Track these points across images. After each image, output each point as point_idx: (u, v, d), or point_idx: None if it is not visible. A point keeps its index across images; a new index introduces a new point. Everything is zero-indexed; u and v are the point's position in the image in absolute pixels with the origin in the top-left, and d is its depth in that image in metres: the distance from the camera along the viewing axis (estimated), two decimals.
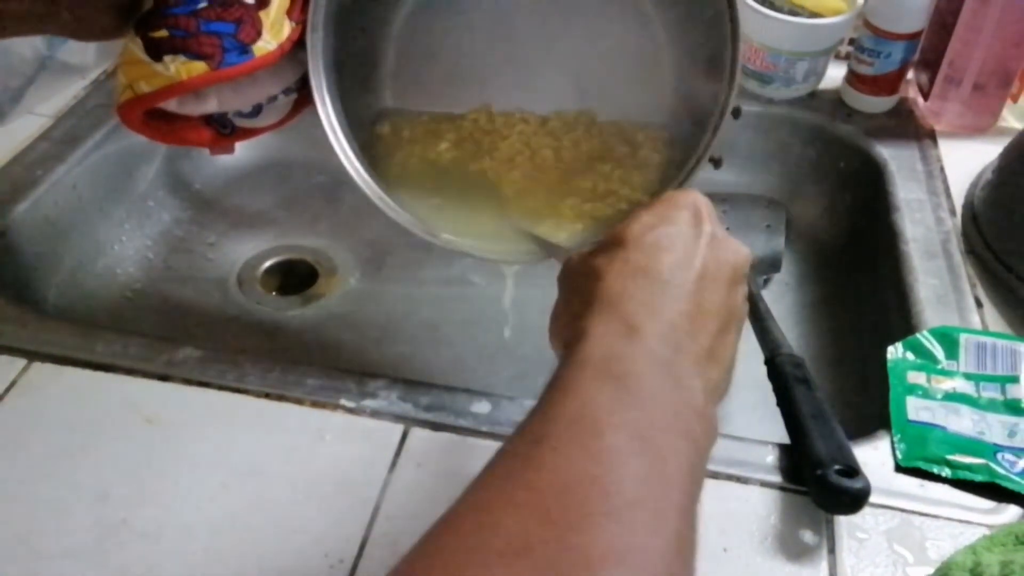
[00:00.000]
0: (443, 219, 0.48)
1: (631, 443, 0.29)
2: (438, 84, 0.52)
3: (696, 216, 0.38)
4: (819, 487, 0.44)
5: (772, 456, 0.49)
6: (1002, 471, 0.47)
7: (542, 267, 0.49)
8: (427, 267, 0.77)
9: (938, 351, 0.54)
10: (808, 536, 0.45)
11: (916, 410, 0.50)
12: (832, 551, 0.44)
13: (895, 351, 0.54)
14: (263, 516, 0.45)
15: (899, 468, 0.48)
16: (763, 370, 0.51)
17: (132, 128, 0.46)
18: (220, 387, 0.52)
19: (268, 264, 0.78)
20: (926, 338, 0.55)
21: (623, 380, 0.32)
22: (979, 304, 0.60)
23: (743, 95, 0.80)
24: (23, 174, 0.69)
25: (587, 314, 0.35)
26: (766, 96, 0.80)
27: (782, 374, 0.50)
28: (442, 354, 0.70)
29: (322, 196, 0.84)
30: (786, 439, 0.48)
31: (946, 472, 0.47)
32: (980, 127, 0.77)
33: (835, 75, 0.81)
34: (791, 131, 0.81)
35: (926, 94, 0.78)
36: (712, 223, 0.38)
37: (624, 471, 0.29)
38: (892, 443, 0.49)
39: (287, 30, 0.44)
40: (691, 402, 0.33)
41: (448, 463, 0.48)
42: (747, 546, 0.44)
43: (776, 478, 0.48)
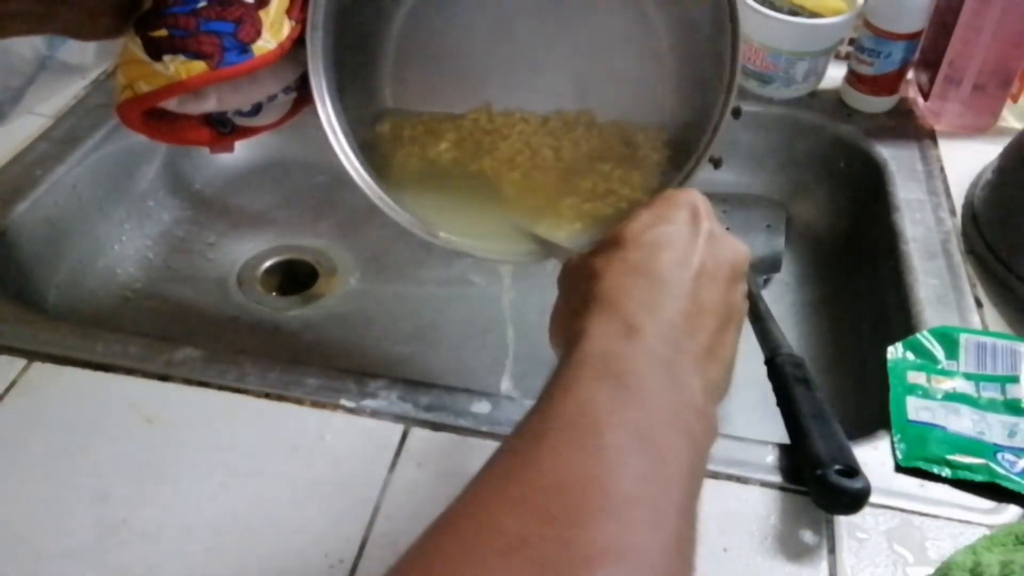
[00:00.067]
0: (443, 219, 0.48)
1: (630, 442, 0.29)
2: (438, 83, 0.52)
3: (694, 214, 0.38)
4: (819, 487, 0.44)
5: (772, 456, 0.49)
6: (1002, 471, 0.47)
7: (542, 267, 0.49)
8: (427, 267, 0.77)
9: (938, 351, 0.54)
10: (808, 536, 0.45)
11: (916, 410, 0.50)
12: (832, 551, 0.44)
13: (895, 351, 0.54)
14: (263, 516, 0.45)
15: (899, 468, 0.48)
16: (763, 370, 0.51)
17: (132, 128, 0.46)
18: (220, 387, 0.52)
19: (268, 264, 0.78)
20: (926, 338, 0.55)
21: (622, 379, 0.32)
22: (979, 304, 0.60)
23: (743, 95, 0.80)
24: (23, 174, 0.69)
25: (586, 314, 0.35)
26: (766, 96, 0.80)
27: (782, 374, 0.50)
28: (442, 354, 0.70)
29: (322, 196, 0.84)
30: (786, 439, 0.48)
31: (946, 472, 0.47)
32: (980, 127, 0.77)
33: (835, 75, 0.81)
34: (791, 131, 0.81)
35: (926, 94, 0.78)
36: (710, 221, 0.38)
37: (623, 469, 0.29)
38: (892, 443, 0.49)
39: (287, 29, 0.44)
40: (691, 401, 0.33)
41: (448, 463, 0.48)
42: (747, 546, 0.44)
43: (776, 478, 0.48)
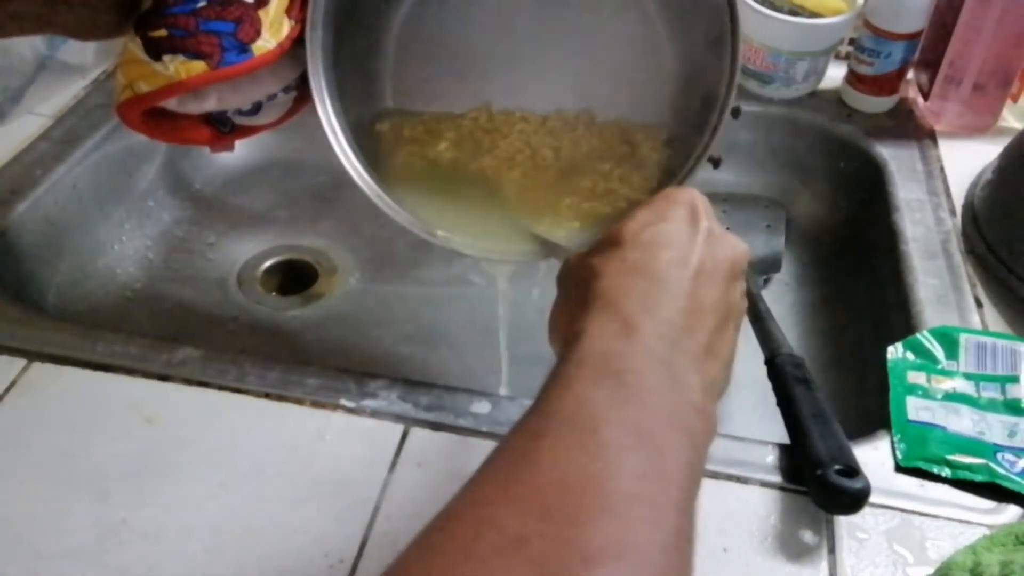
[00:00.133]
0: (443, 218, 0.48)
1: (628, 439, 0.29)
2: (438, 83, 0.52)
3: (693, 213, 0.38)
4: (819, 487, 0.44)
5: (772, 456, 0.49)
6: (1002, 471, 0.47)
7: (537, 268, 0.49)
8: (427, 267, 0.77)
9: (938, 351, 0.54)
10: (808, 536, 0.45)
11: (916, 410, 0.50)
12: (832, 551, 0.44)
13: (895, 351, 0.54)
14: (263, 516, 0.45)
15: (899, 468, 0.48)
16: (763, 370, 0.51)
17: (132, 127, 0.46)
18: (220, 387, 0.52)
19: (268, 264, 0.78)
20: (926, 338, 0.55)
21: (621, 377, 0.32)
22: (979, 304, 0.60)
23: (743, 95, 0.80)
24: (23, 174, 0.69)
25: (585, 313, 0.35)
26: (766, 96, 0.80)
27: (782, 374, 0.50)
28: (442, 354, 0.70)
29: (322, 196, 0.84)
30: (786, 439, 0.48)
31: (946, 472, 0.47)
32: (980, 127, 0.77)
33: (835, 75, 0.81)
34: (791, 131, 0.81)
35: (926, 94, 0.78)
36: (709, 219, 0.38)
37: (622, 467, 0.29)
38: (892, 443, 0.49)
39: (286, 29, 0.44)
40: (689, 398, 0.33)
41: (448, 463, 0.48)
42: (747, 546, 0.44)
43: (776, 478, 0.48)
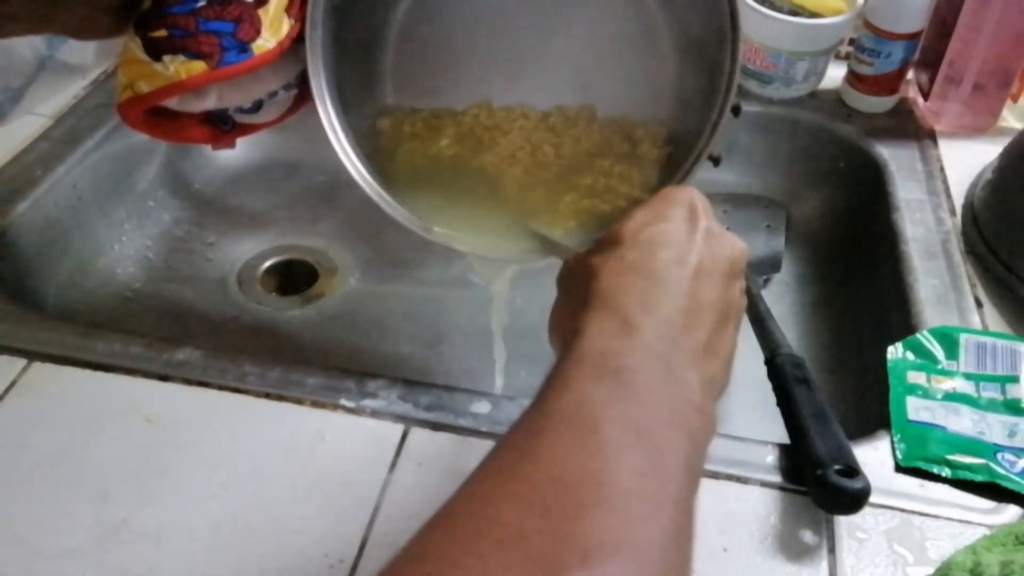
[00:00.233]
0: (444, 216, 0.48)
1: (627, 436, 0.30)
2: (439, 79, 0.52)
3: (691, 212, 0.38)
4: (819, 487, 0.44)
5: (772, 456, 0.49)
6: (1002, 471, 0.47)
7: (536, 271, 0.49)
8: (427, 267, 0.77)
9: (938, 351, 0.54)
10: (808, 536, 0.45)
11: (916, 410, 0.50)
12: (832, 551, 0.44)
13: (895, 351, 0.54)
14: (263, 516, 0.45)
15: (899, 468, 0.48)
16: (763, 370, 0.51)
17: (133, 127, 0.46)
18: (220, 387, 0.52)
19: (268, 264, 0.78)
20: (926, 338, 0.55)
21: (620, 375, 0.32)
22: (979, 304, 0.60)
23: (743, 95, 0.80)
24: (23, 174, 0.69)
25: (584, 312, 0.35)
26: (766, 96, 0.80)
27: (782, 374, 0.50)
28: (442, 354, 0.70)
29: (322, 196, 0.84)
30: (786, 439, 0.48)
31: (946, 472, 0.47)
32: (980, 127, 0.77)
33: (835, 75, 0.81)
34: (791, 131, 0.81)
35: (926, 94, 0.78)
36: (708, 218, 0.38)
37: (620, 464, 0.29)
38: (892, 443, 0.49)
39: (286, 27, 0.44)
40: (688, 396, 0.33)
41: (448, 463, 0.48)
42: (747, 546, 0.44)
43: (776, 478, 0.48)
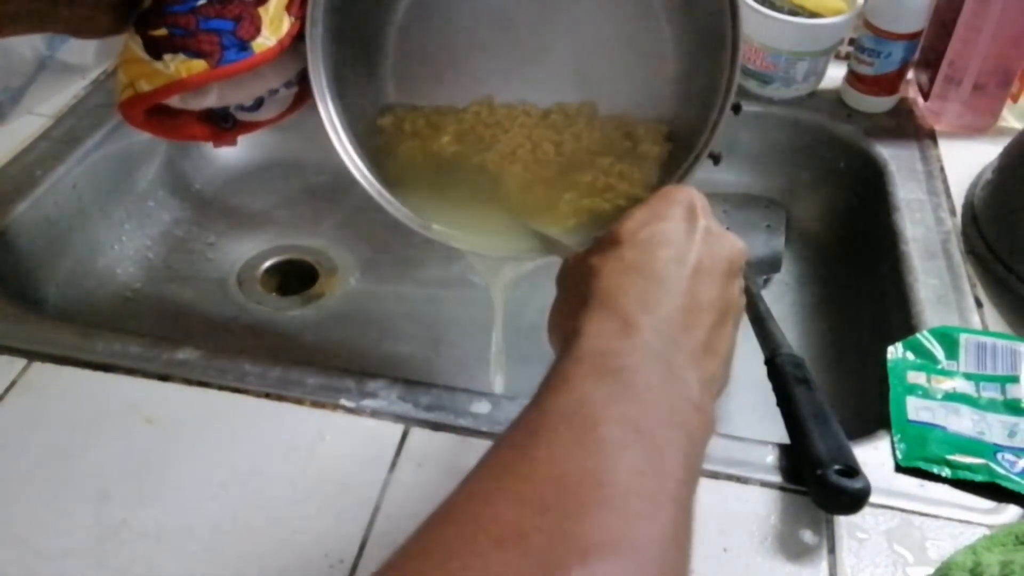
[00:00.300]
0: (444, 214, 0.48)
1: (626, 435, 0.30)
2: (440, 76, 0.52)
3: (690, 211, 0.38)
4: (819, 487, 0.44)
5: (772, 456, 0.49)
6: (1002, 471, 0.47)
7: (539, 267, 0.49)
8: (427, 267, 0.77)
9: (938, 351, 0.54)
10: (808, 536, 0.45)
11: (916, 410, 0.50)
12: (832, 551, 0.44)
13: (895, 351, 0.54)
14: (263, 516, 0.45)
15: (899, 468, 0.48)
16: (763, 370, 0.51)
17: (134, 125, 0.46)
18: (220, 387, 0.52)
19: (268, 264, 0.78)
20: (926, 338, 0.55)
21: (619, 374, 0.32)
22: (979, 304, 0.60)
23: (743, 95, 0.80)
24: (23, 174, 0.69)
25: (583, 311, 0.35)
26: (766, 96, 0.80)
27: (782, 374, 0.50)
28: (442, 354, 0.70)
29: (322, 196, 0.84)
30: (786, 439, 0.48)
31: (946, 472, 0.47)
32: (980, 127, 0.77)
33: (835, 75, 0.81)
34: (791, 131, 0.81)
35: (926, 94, 0.78)
36: (707, 217, 0.39)
37: (619, 462, 0.29)
38: (892, 443, 0.49)
39: (286, 25, 0.44)
40: (687, 395, 0.33)
41: (448, 463, 0.48)
42: (747, 546, 0.44)
43: (776, 478, 0.48)
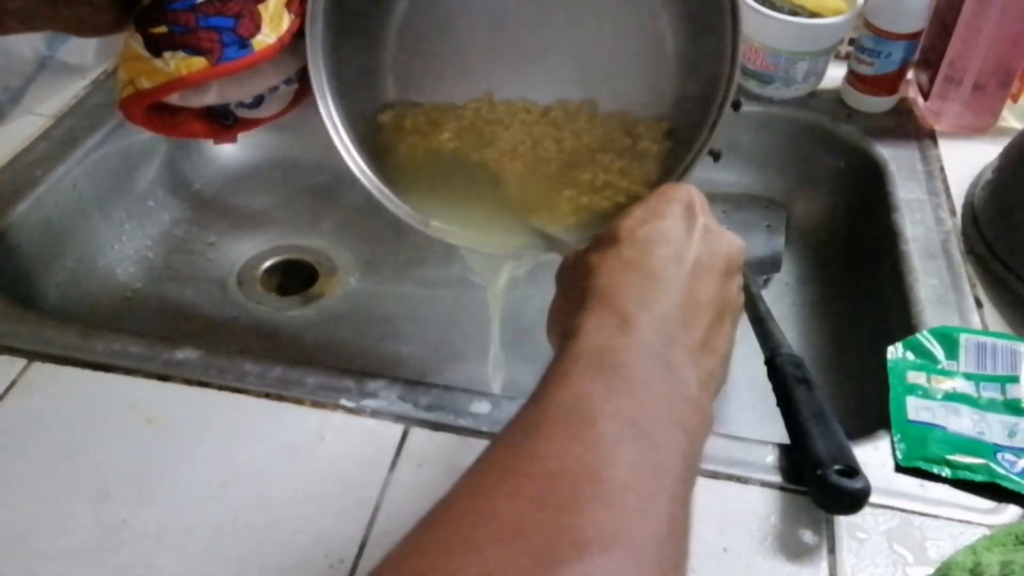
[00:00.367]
0: (444, 212, 0.48)
1: (624, 431, 0.30)
2: (440, 73, 0.52)
3: (689, 209, 0.38)
4: (819, 487, 0.44)
5: (772, 456, 0.49)
6: (1002, 471, 0.47)
7: (539, 267, 0.49)
8: (427, 267, 0.77)
9: (938, 351, 0.54)
10: (808, 536, 0.45)
11: (916, 410, 0.50)
12: (832, 551, 0.44)
13: (895, 351, 0.54)
14: (263, 516, 0.45)
15: (899, 468, 0.48)
16: (763, 370, 0.51)
17: (135, 123, 0.46)
18: (220, 387, 0.52)
19: (268, 264, 0.78)
20: (926, 338, 0.55)
21: (616, 371, 0.32)
22: (979, 304, 0.60)
23: (743, 95, 0.80)
24: (23, 174, 0.69)
25: (581, 309, 0.35)
26: (766, 96, 0.80)
27: (782, 374, 0.50)
28: (442, 354, 0.71)
29: (322, 196, 0.84)
30: (786, 439, 0.48)
31: (946, 472, 0.47)
32: (980, 127, 0.77)
33: (835, 75, 0.81)
34: (791, 131, 0.81)
35: (926, 94, 0.78)
36: (705, 216, 0.39)
37: (617, 458, 0.29)
38: (892, 443, 0.49)
39: (286, 23, 0.44)
40: (685, 392, 0.33)
41: (448, 463, 0.48)
42: (747, 546, 0.44)
43: (776, 478, 0.48)
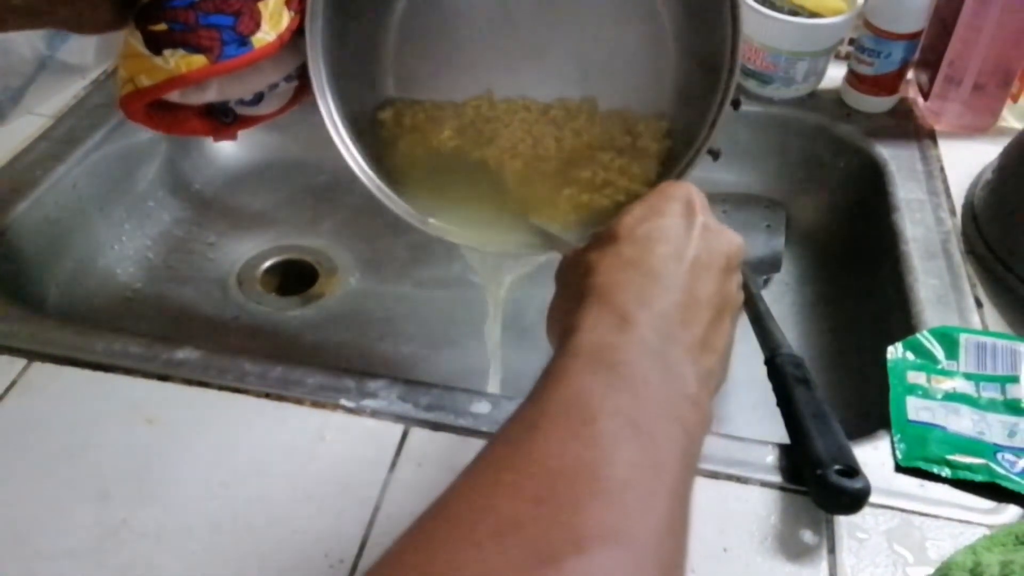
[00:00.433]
0: (444, 210, 0.48)
1: (622, 428, 0.30)
2: (440, 70, 0.52)
3: (688, 207, 0.38)
4: (819, 487, 0.44)
5: (772, 456, 0.49)
6: (1002, 471, 0.47)
7: (539, 267, 0.49)
8: (427, 267, 0.77)
9: (938, 351, 0.54)
10: (808, 536, 0.45)
11: (916, 410, 0.50)
12: (832, 551, 0.44)
13: (895, 351, 0.54)
14: (263, 516, 0.45)
15: (899, 468, 0.48)
16: (763, 370, 0.51)
17: (135, 120, 0.46)
18: (220, 387, 0.52)
19: (268, 264, 0.78)
20: (926, 338, 0.55)
21: (615, 368, 0.32)
22: (979, 304, 0.60)
23: (743, 94, 0.80)
24: (23, 174, 0.69)
25: (580, 307, 0.35)
26: (766, 96, 0.80)
27: (782, 374, 0.50)
28: (442, 354, 0.71)
29: (322, 196, 0.84)
30: (786, 439, 0.48)
31: (946, 472, 0.47)
32: (980, 127, 0.77)
33: (835, 75, 0.81)
34: (791, 131, 0.81)
35: (926, 94, 0.78)
36: (704, 214, 0.39)
37: (615, 455, 0.29)
38: (892, 443, 0.49)
39: (286, 20, 0.44)
40: (683, 389, 0.33)
41: (448, 463, 0.48)
42: (747, 546, 0.44)
43: (776, 478, 0.48)
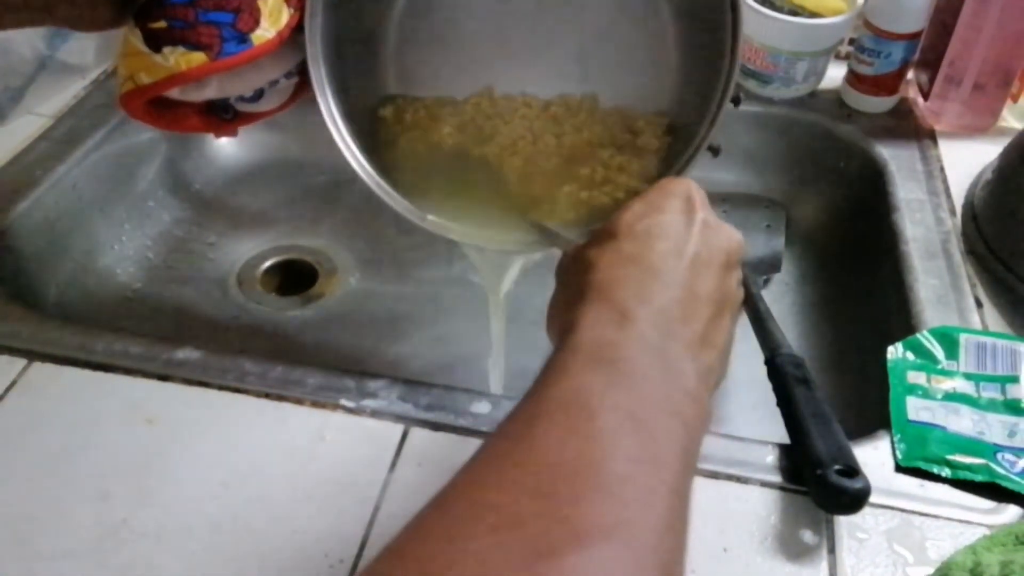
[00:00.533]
0: (444, 207, 0.48)
1: (622, 424, 0.30)
2: (440, 67, 0.52)
3: (688, 203, 0.39)
4: (819, 487, 0.44)
5: (772, 456, 0.49)
6: (1002, 471, 0.47)
7: (540, 267, 0.49)
8: (427, 267, 0.77)
9: (938, 351, 0.54)
10: (808, 536, 0.45)
11: (916, 410, 0.50)
12: (832, 551, 0.44)
13: (895, 351, 0.54)
14: (263, 516, 0.45)
15: (899, 468, 0.48)
16: (763, 370, 0.51)
17: (135, 118, 0.46)
18: (220, 387, 0.52)
19: (268, 264, 0.78)
20: (926, 338, 0.55)
21: (615, 364, 0.32)
22: (979, 304, 0.60)
23: (743, 94, 0.80)
24: (23, 174, 0.69)
25: (580, 304, 0.35)
26: (766, 96, 0.80)
27: (782, 374, 0.50)
28: (442, 354, 0.70)
29: (322, 196, 0.84)
30: (786, 439, 0.48)
31: (946, 472, 0.47)
32: (980, 127, 0.77)
33: (835, 75, 0.81)
34: (791, 131, 0.81)
35: (926, 94, 0.78)
36: (704, 210, 0.39)
37: (615, 450, 0.29)
38: (892, 443, 0.49)
39: (286, 17, 0.44)
40: (683, 385, 0.33)
41: (448, 463, 0.48)
42: (747, 546, 0.44)
43: (776, 478, 0.48)
